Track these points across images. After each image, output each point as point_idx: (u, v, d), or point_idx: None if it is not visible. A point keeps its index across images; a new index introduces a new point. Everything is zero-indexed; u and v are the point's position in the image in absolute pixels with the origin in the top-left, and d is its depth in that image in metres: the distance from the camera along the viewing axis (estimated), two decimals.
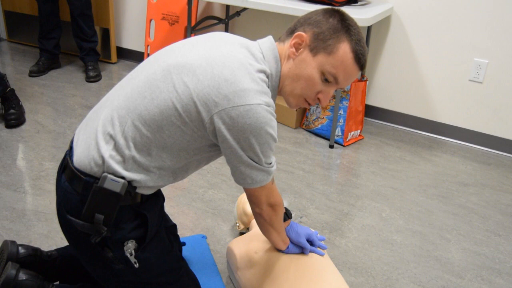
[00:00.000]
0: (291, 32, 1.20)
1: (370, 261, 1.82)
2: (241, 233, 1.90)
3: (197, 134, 1.13)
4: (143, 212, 1.21)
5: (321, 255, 1.51)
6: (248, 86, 1.07)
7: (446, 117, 2.88)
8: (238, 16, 3.19)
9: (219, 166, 2.40)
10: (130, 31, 3.78)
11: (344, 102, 2.69)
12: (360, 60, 1.16)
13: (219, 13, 3.38)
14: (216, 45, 1.15)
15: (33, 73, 3.38)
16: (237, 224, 1.85)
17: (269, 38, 1.21)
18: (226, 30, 3.32)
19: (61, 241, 1.79)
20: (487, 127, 2.79)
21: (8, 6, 3.99)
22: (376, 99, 3.06)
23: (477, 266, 1.84)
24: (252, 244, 1.57)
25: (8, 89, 2.68)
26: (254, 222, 1.76)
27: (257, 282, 1.46)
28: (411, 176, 2.46)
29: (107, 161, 1.12)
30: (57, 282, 1.45)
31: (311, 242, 1.52)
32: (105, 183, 1.12)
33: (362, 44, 1.16)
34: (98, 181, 1.13)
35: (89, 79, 3.38)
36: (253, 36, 3.30)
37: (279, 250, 1.49)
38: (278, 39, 1.22)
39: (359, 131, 2.82)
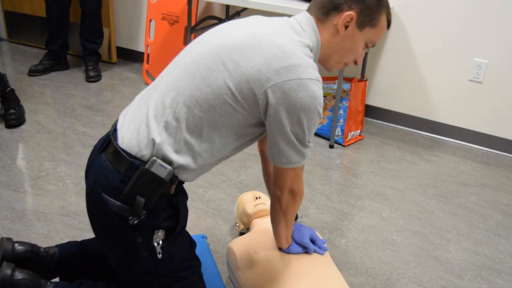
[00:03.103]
0: (333, 7, 1.22)
1: (370, 261, 1.82)
2: (241, 233, 1.90)
3: (248, 112, 1.16)
4: (176, 203, 1.23)
5: (322, 254, 1.51)
6: (298, 61, 1.12)
7: (446, 117, 2.88)
8: (238, 16, 3.19)
9: (219, 166, 2.40)
10: (130, 31, 3.78)
11: (344, 102, 2.69)
12: (390, 24, 1.28)
13: (219, 13, 3.38)
14: (258, 24, 1.20)
15: (32, 72, 3.38)
16: (237, 224, 1.85)
17: (305, 13, 1.25)
18: None
19: (61, 241, 1.79)
20: (487, 127, 2.79)
21: (8, 6, 3.99)
22: (376, 99, 3.06)
23: (477, 266, 1.84)
24: (252, 244, 1.57)
25: (8, 89, 2.68)
26: (254, 222, 1.77)
27: (257, 282, 1.46)
28: (411, 176, 2.46)
29: (158, 144, 1.14)
30: (57, 279, 1.45)
31: (313, 242, 1.53)
32: (153, 167, 1.14)
33: (390, 8, 1.27)
34: (145, 164, 1.14)
35: (89, 79, 3.38)
36: None
37: (280, 249, 1.49)
38: (308, 9, 1.27)
39: (359, 131, 2.82)
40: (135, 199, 1.15)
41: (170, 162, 1.16)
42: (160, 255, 1.21)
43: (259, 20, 1.22)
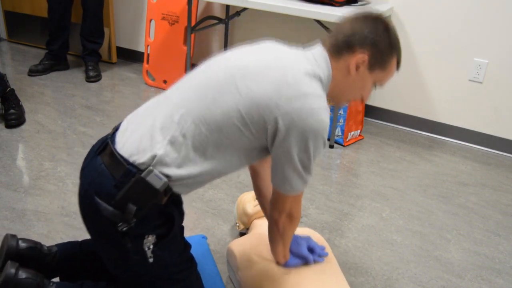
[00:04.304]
0: (347, 47, 1.23)
1: (370, 261, 1.82)
2: (241, 233, 1.90)
3: (255, 136, 1.17)
4: (170, 212, 1.23)
5: (321, 261, 1.50)
6: (309, 90, 1.15)
7: (446, 117, 2.88)
8: (238, 16, 3.19)
9: None
10: (130, 31, 3.78)
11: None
12: (399, 66, 1.31)
13: (219, 13, 3.38)
14: (274, 51, 1.22)
15: (32, 72, 3.38)
16: (237, 224, 1.85)
17: (319, 46, 1.27)
18: (226, 30, 3.32)
19: (61, 241, 1.79)
20: (487, 127, 2.79)
21: (8, 6, 3.98)
22: (376, 99, 3.06)
23: (477, 266, 1.84)
24: (253, 244, 1.57)
25: (8, 89, 2.68)
26: (254, 222, 1.77)
27: (257, 282, 1.46)
28: (411, 176, 2.46)
29: (160, 157, 1.15)
30: (57, 278, 1.45)
31: (311, 249, 1.52)
32: (148, 177, 1.14)
33: (401, 50, 1.29)
34: (141, 172, 1.15)
35: (89, 79, 3.38)
36: (253, 36, 3.30)
37: (277, 263, 1.48)
38: (323, 42, 1.29)
39: (359, 131, 2.83)
40: (126, 206, 1.15)
41: (167, 175, 1.16)
42: (152, 260, 1.22)
43: (276, 47, 1.25)
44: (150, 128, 1.19)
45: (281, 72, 1.15)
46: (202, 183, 1.24)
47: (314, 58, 1.23)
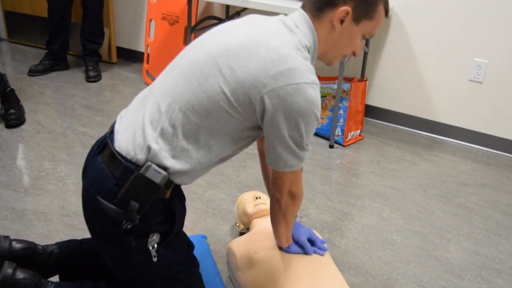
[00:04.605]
0: (328, 2, 1.19)
1: (370, 261, 1.82)
2: (241, 233, 1.90)
3: (244, 117, 1.15)
4: (171, 208, 1.22)
5: (321, 255, 1.51)
6: (295, 64, 1.10)
7: (446, 117, 2.88)
8: (238, 16, 3.19)
9: (219, 166, 2.40)
10: (130, 31, 3.78)
11: (344, 102, 2.69)
12: (388, 13, 1.24)
13: (219, 13, 3.38)
14: (254, 25, 1.18)
15: (32, 72, 3.38)
16: (237, 224, 1.85)
17: (300, 11, 1.23)
18: None
19: (60, 241, 1.79)
20: (487, 127, 2.79)
21: (8, 6, 3.98)
22: (376, 99, 3.06)
23: (477, 266, 1.84)
24: (253, 244, 1.57)
25: (8, 89, 2.68)
26: (254, 222, 1.76)
27: (257, 282, 1.46)
28: (411, 176, 2.46)
29: (154, 150, 1.14)
30: (56, 278, 1.45)
31: (312, 242, 1.52)
32: (147, 172, 1.13)
33: None
34: (139, 168, 1.14)
35: (89, 79, 3.38)
36: None
37: (280, 248, 1.49)
38: (302, 6, 1.25)
39: (359, 131, 2.82)
40: (129, 203, 1.14)
41: (166, 168, 1.15)
42: (155, 259, 1.21)
43: (255, 21, 1.20)
44: (141, 122, 1.18)
45: (263, 49, 1.11)
46: (203, 170, 1.22)
47: (295, 25, 1.19)
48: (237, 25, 1.20)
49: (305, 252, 1.49)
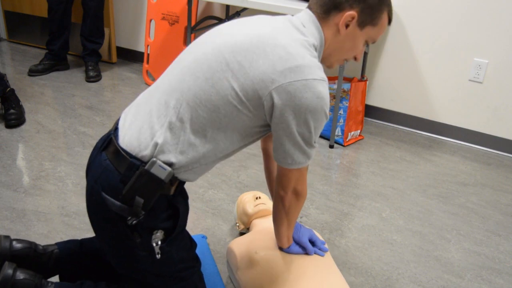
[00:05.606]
0: (335, 6, 1.21)
1: (370, 261, 1.82)
2: (241, 233, 1.90)
3: (253, 113, 1.15)
4: (176, 204, 1.23)
5: (322, 255, 1.51)
6: (303, 61, 1.11)
7: (446, 117, 2.88)
8: (238, 16, 3.19)
9: (219, 166, 2.40)
10: (130, 31, 3.78)
11: (344, 102, 2.69)
12: (391, 21, 1.27)
13: (219, 13, 3.38)
14: (262, 23, 1.18)
15: (32, 72, 3.38)
16: (237, 224, 1.85)
17: (307, 11, 1.24)
18: None
19: (61, 241, 1.79)
20: (487, 127, 2.79)
21: (8, 6, 3.99)
22: (376, 99, 3.06)
23: (477, 266, 1.84)
24: (253, 244, 1.57)
25: (8, 89, 2.68)
26: (254, 222, 1.77)
27: (257, 282, 1.46)
28: (411, 176, 2.46)
29: (161, 145, 1.14)
30: (56, 278, 1.45)
31: (312, 243, 1.52)
32: (152, 168, 1.14)
33: (392, 5, 1.27)
34: (145, 164, 1.14)
35: (89, 79, 3.38)
36: None
37: (280, 248, 1.49)
38: (309, 7, 1.26)
39: (359, 131, 2.82)
40: (134, 199, 1.15)
41: (171, 163, 1.15)
42: (159, 256, 1.21)
43: (262, 19, 1.21)
44: (147, 118, 1.18)
45: (272, 46, 1.12)
46: (208, 165, 1.22)
47: (303, 25, 1.20)
48: (245, 23, 1.21)
49: (306, 253, 1.49)
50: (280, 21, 1.20)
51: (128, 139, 1.18)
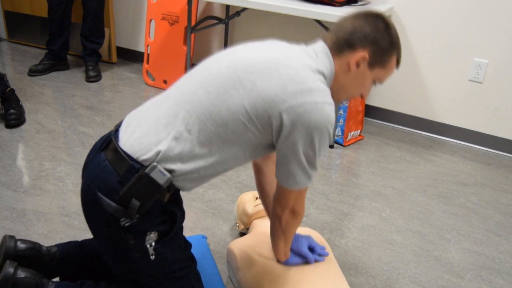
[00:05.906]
0: (348, 44, 1.24)
1: (370, 261, 1.82)
2: (241, 233, 1.90)
3: (260, 132, 1.17)
4: (171, 209, 1.24)
5: (322, 261, 1.50)
6: (313, 85, 1.16)
7: (446, 117, 2.88)
8: (238, 16, 3.19)
9: None
10: (130, 31, 3.78)
11: (344, 102, 2.69)
12: (399, 64, 1.32)
13: (219, 13, 3.38)
14: (277, 48, 1.23)
15: (32, 72, 3.38)
16: (237, 224, 1.85)
17: (321, 43, 1.27)
18: (226, 30, 3.32)
19: (61, 241, 1.79)
20: (487, 127, 2.79)
21: (8, 6, 3.99)
22: (376, 99, 3.06)
23: (477, 266, 1.84)
24: (253, 244, 1.57)
25: (8, 89, 2.68)
26: (254, 222, 1.77)
27: (257, 282, 1.46)
28: (411, 176, 2.46)
29: (164, 152, 1.16)
30: (57, 278, 1.45)
31: (312, 249, 1.52)
32: (152, 172, 1.15)
33: (401, 49, 1.30)
34: (145, 168, 1.15)
35: (89, 79, 3.38)
36: (253, 36, 3.30)
37: (278, 261, 1.48)
38: (323, 39, 1.30)
39: (359, 131, 2.83)
40: (130, 201, 1.16)
41: (172, 170, 1.17)
42: (153, 257, 1.22)
43: (278, 44, 1.25)
44: (154, 125, 1.19)
45: (285, 68, 1.16)
46: (206, 177, 1.24)
47: (316, 55, 1.24)
48: (260, 46, 1.25)
49: (306, 262, 1.48)
50: (295, 48, 1.24)
51: (130, 142, 1.19)
